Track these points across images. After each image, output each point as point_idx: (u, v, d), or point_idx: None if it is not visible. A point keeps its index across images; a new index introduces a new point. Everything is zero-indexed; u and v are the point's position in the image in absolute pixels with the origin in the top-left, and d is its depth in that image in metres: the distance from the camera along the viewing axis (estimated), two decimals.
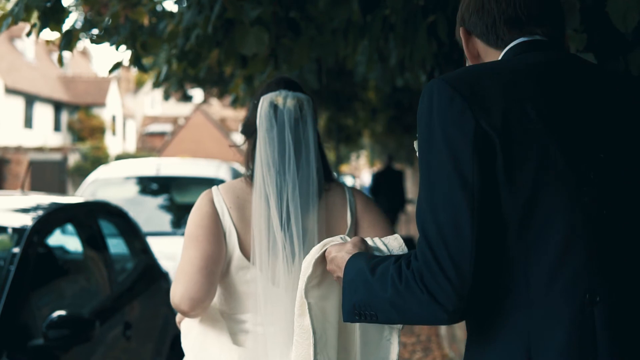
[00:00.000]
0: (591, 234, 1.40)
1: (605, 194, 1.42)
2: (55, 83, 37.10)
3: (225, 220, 2.17)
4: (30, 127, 33.72)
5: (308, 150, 2.19)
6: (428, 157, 1.44)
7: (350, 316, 1.55)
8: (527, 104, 1.42)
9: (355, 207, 2.24)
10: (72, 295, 4.12)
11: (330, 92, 13.30)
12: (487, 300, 1.42)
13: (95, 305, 4.01)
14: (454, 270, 1.36)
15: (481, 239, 1.37)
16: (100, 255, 4.31)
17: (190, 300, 2.10)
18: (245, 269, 2.16)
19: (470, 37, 1.67)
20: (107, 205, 4.94)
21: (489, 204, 1.38)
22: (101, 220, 4.65)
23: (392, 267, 1.46)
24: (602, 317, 1.38)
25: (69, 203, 4.20)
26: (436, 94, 1.44)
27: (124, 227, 5.04)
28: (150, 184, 8.22)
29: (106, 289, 4.23)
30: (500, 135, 1.39)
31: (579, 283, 1.38)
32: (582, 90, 1.49)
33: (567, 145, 1.41)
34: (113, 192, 8.23)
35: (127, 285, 4.60)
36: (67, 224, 4.28)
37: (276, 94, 2.23)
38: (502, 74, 1.47)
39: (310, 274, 1.75)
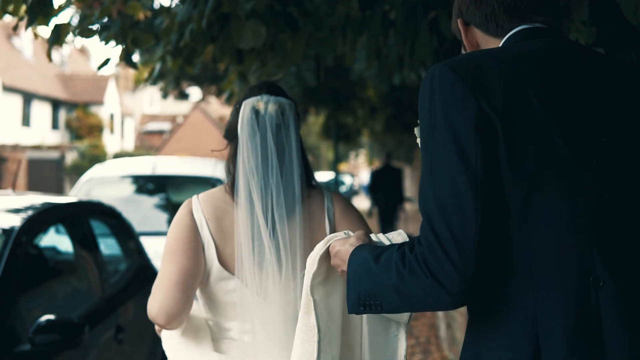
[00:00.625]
0: (593, 218, 1.40)
1: (607, 178, 1.43)
2: (53, 81, 36.95)
3: (204, 232, 2.17)
4: (28, 125, 33.57)
5: (291, 156, 2.19)
6: (430, 141, 1.44)
7: (355, 307, 1.54)
8: (528, 89, 1.43)
9: (334, 214, 2.23)
10: (62, 298, 4.01)
11: (328, 90, 13.21)
12: (491, 285, 1.42)
13: (86, 308, 3.90)
14: (457, 253, 1.36)
15: (484, 223, 1.37)
16: (92, 256, 4.20)
17: (166, 315, 2.11)
18: (226, 280, 2.16)
19: (468, 27, 1.67)
20: (99, 205, 4.83)
21: (491, 188, 1.39)
22: (93, 220, 4.54)
23: (396, 253, 1.47)
24: (606, 301, 1.38)
25: (59, 203, 4.08)
26: (438, 78, 1.45)
27: (117, 227, 4.93)
28: (146, 183, 8.10)
29: (98, 291, 4.12)
30: (502, 119, 1.39)
31: (583, 267, 1.39)
32: (583, 76, 1.50)
33: (569, 130, 1.42)
34: (108, 191, 8.12)
35: (120, 287, 4.48)
36: (58, 224, 4.16)
37: (257, 98, 2.22)
38: (504, 60, 1.48)
39: (315, 271, 1.74)
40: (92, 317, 3.81)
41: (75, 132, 36.84)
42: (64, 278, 4.22)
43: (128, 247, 4.97)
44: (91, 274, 4.16)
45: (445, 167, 1.40)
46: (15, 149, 25.93)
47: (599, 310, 1.38)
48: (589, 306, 1.38)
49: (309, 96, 13.21)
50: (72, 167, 28.23)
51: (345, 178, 32.45)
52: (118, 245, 4.98)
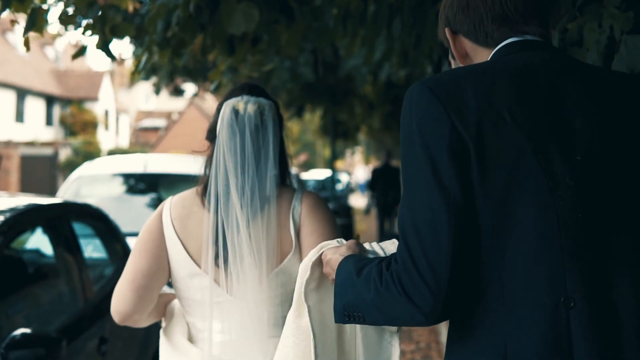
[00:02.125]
0: (566, 237, 1.40)
1: (582, 197, 1.42)
2: (48, 77, 36.67)
3: (169, 231, 2.20)
4: (21, 121, 33.30)
5: (267, 157, 2.21)
6: (407, 160, 1.46)
7: (340, 317, 1.57)
8: (503, 108, 1.42)
9: (300, 214, 2.22)
10: (40, 307, 3.73)
11: (324, 86, 13.00)
12: (465, 302, 1.44)
13: (67, 318, 3.62)
14: (430, 273, 1.38)
15: (458, 242, 1.39)
16: (74, 261, 3.91)
17: (118, 313, 2.21)
18: (198, 277, 2.18)
19: (456, 36, 1.65)
20: (84, 206, 4.55)
21: (465, 208, 1.40)
22: (77, 223, 4.26)
23: (375, 269, 1.49)
24: (577, 321, 1.38)
25: (39, 204, 3.79)
26: (415, 97, 1.46)
27: (103, 230, 4.64)
28: (137, 181, 7.84)
29: (80, 299, 3.84)
30: (474, 139, 1.40)
31: (554, 287, 1.39)
32: (564, 91, 1.48)
33: (542, 149, 1.41)
34: (98, 190, 7.86)
35: (105, 294, 4.19)
36: (37, 227, 3.88)
37: (238, 99, 2.24)
38: (483, 77, 1.47)
39: (308, 277, 1.76)
40: (73, 328, 3.54)
41: (69, 129, 36.57)
42: (43, 285, 3.94)
43: (115, 251, 4.69)
44: (73, 280, 3.89)
45: (421, 188, 1.42)
46: (8, 145, 25.60)
47: (569, 330, 1.38)
48: (559, 326, 1.38)
49: (305, 92, 13.00)
50: (65, 164, 27.88)
51: (341, 176, 32.13)
52: (104, 248, 4.70)
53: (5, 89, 31.57)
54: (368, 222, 22.17)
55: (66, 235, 3.92)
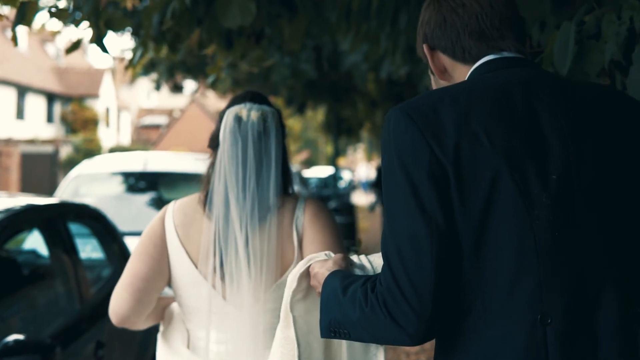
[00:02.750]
0: (543, 256, 1.42)
1: (558, 216, 1.43)
2: (48, 74, 36.57)
3: (172, 238, 2.19)
4: (22, 118, 33.20)
5: (269, 165, 2.19)
6: (389, 185, 1.48)
7: (326, 332, 1.61)
8: (480, 130, 1.44)
9: (302, 223, 2.21)
10: (35, 310, 3.62)
11: (326, 83, 12.90)
12: (449, 321, 1.47)
13: (62, 322, 3.51)
14: (415, 296, 1.41)
15: (440, 265, 1.41)
16: (70, 263, 3.80)
17: (115, 315, 2.22)
18: (200, 285, 2.17)
19: (434, 52, 1.66)
20: (81, 207, 4.43)
21: (447, 231, 1.42)
22: (74, 223, 4.15)
23: (360, 289, 1.51)
24: (553, 338, 1.41)
25: (34, 205, 3.68)
26: (393, 123, 1.48)
27: (101, 230, 4.53)
28: (137, 180, 7.72)
29: (76, 302, 3.73)
30: (452, 163, 1.41)
31: (532, 304, 1.41)
32: (541, 109, 1.49)
33: (518, 169, 1.42)
34: (97, 189, 7.76)
35: (102, 297, 4.09)
36: (32, 228, 3.77)
37: (241, 106, 2.24)
38: (459, 99, 1.48)
39: (295, 288, 1.79)
40: (69, 332, 3.43)
41: (70, 126, 36.47)
42: (38, 287, 3.83)
43: (112, 252, 4.58)
44: (69, 282, 3.78)
45: (403, 212, 1.44)
46: (8, 142, 25.49)
47: (546, 346, 1.41)
48: (537, 343, 1.41)
49: (307, 89, 12.90)
50: (66, 162, 27.77)
51: (343, 173, 31.99)
52: (102, 250, 4.59)
53: (6, 86, 31.47)
54: (371, 220, 22.06)
55: (62, 236, 3.81)
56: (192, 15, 3.01)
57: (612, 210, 1.48)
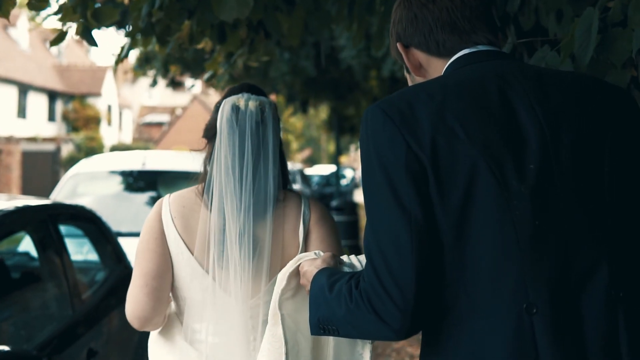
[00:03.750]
0: (524, 246, 1.42)
1: (537, 205, 1.43)
2: (50, 72, 36.43)
3: (170, 231, 2.15)
4: (23, 116, 33.05)
5: (267, 156, 2.17)
6: (367, 182, 1.50)
7: (316, 329, 1.62)
8: (455, 124, 1.44)
9: (309, 220, 2.21)
10: (23, 318, 3.45)
11: (328, 80, 12.76)
12: (434, 315, 1.47)
13: (52, 329, 3.34)
14: (397, 292, 1.42)
15: (422, 259, 1.42)
16: (61, 267, 3.63)
17: (137, 319, 2.15)
18: (200, 277, 2.13)
19: (409, 49, 1.68)
20: (74, 208, 4.27)
21: (427, 225, 1.43)
22: (65, 225, 3.98)
23: (345, 286, 1.53)
24: (541, 326, 1.41)
25: (21, 207, 3.51)
26: (370, 120, 1.49)
27: (95, 232, 4.36)
28: (136, 179, 7.58)
29: (67, 308, 3.56)
30: (429, 156, 1.42)
31: (517, 295, 1.42)
32: (516, 100, 1.49)
33: (495, 160, 1.43)
34: (95, 188, 7.62)
35: (95, 302, 3.93)
36: (20, 231, 3.60)
37: (238, 96, 2.21)
38: (434, 95, 1.49)
39: (284, 287, 1.81)
40: (58, 341, 3.27)
41: (72, 124, 36.32)
42: (27, 293, 3.66)
43: (107, 255, 4.41)
44: (59, 288, 3.61)
45: (382, 209, 1.45)
46: (9, 141, 25.34)
47: (534, 336, 1.41)
48: (524, 333, 1.41)
49: (308, 87, 12.76)
50: (67, 160, 27.63)
51: (345, 171, 31.80)
52: (96, 253, 4.42)
53: (7, 84, 31.33)
54: None
55: (53, 239, 3.64)
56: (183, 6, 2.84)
57: (591, 196, 1.48)
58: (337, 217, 12.78)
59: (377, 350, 6.99)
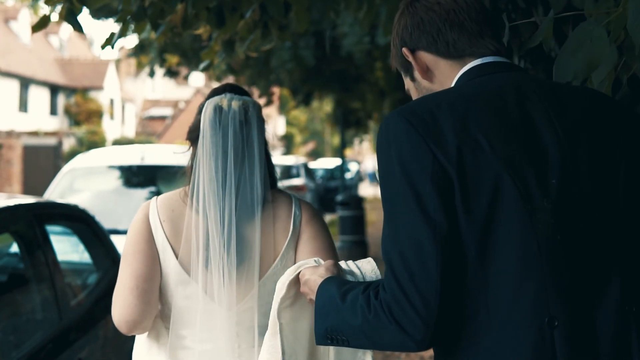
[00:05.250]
0: (547, 259, 1.43)
1: (559, 219, 1.44)
2: (52, 65, 36.20)
3: (158, 234, 2.12)
4: (25, 110, 32.84)
5: (252, 156, 2.14)
6: (389, 192, 1.48)
7: (322, 340, 1.60)
8: (479, 136, 1.44)
9: (300, 220, 2.19)
10: (3, 328, 3.18)
11: (334, 72, 12.53)
12: (452, 327, 1.46)
13: (36, 341, 3.08)
14: (421, 303, 1.41)
15: (445, 271, 1.42)
16: (47, 271, 3.35)
17: (126, 323, 2.09)
18: (185, 284, 2.11)
19: (416, 53, 1.67)
20: (64, 207, 4.00)
21: (451, 236, 1.43)
22: (53, 225, 3.72)
23: (362, 297, 1.51)
24: (561, 340, 1.41)
25: (3, 207, 3.23)
26: (392, 129, 1.47)
27: (87, 233, 4.09)
28: (134, 174, 7.34)
29: (53, 315, 3.30)
30: (456, 168, 1.42)
31: (538, 308, 1.42)
32: (534, 114, 1.50)
33: (518, 173, 1.44)
34: (92, 183, 7.39)
35: (85, 308, 3.66)
36: (2, 232, 3.33)
37: (221, 97, 2.18)
38: (455, 105, 1.49)
39: (283, 295, 1.79)
40: (42, 352, 3.01)
41: (74, 118, 36.09)
42: (7, 301, 3.38)
43: (99, 257, 4.14)
44: (44, 293, 3.34)
45: (405, 219, 1.44)
46: (10, 135, 25.12)
47: (554, 349, 1.41)
48: (545, 346, 1.41)
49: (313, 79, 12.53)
50: (69, 154, 27.40)
51: (351, 165, 31.55)
52: (88, 254, 4.16)
53: (9, 78, 31.11)
54: (379, 213, 21.69)
55: (38, 241, 3.37)
56: None
57: (607, 211, 1.49)
58: (343, 211, 12.53)
59: (386, 352, 6.74)
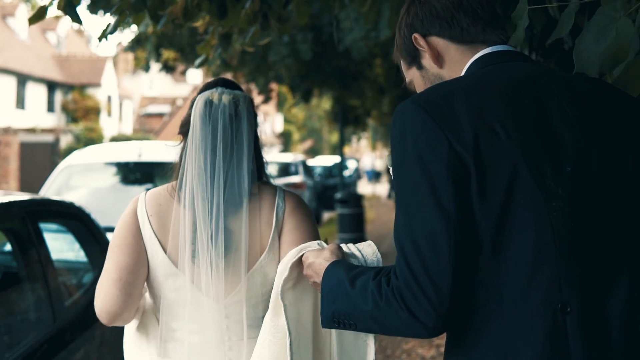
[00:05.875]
0: (560, 247, 1.44)
1: (573, 207, 1.45)
2: (49, 62, 36.01)
3: (146, 228, 2.12)
4: (22, 107, 32.65)
5: (240, 149, 2.15)
6: (403, 180, 1.48)
7: (329, 323, 1.61)
8: (496, 124, 1.45)
9: (283, 211, 2.18)
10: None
11: (333, 69, 12.40)
12: (464, 313, 1.48)
13: (28, 342, 2.96)
14: (433, 291, 1.42)
15: (458, 259, 1.43)
16: (40, 270, 3.24)
17: (106, 313, 2.10)
18: (174, 276, 2.12)
19: (428, 38, 1.68)
20: (58, 204, 3.88)
21: (464, 225, 1.43)
22: (48, 223, 3.60)
23: (372, 283, 1.52)
24: (573, 326, 1.43)
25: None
26: (409, 117, 1.47)
27: (83, 231, 3.98)
28: (131, 171, 7.21)
29: (46, 316, 3.18)
30: (472, 156, 1.42)
31: (551, 295, 1.43)
32: (549, 103, 1.51)
33: (534, 162, 1.44)
34: (89, 180, 7.27)
35: (81, 308, 3.55)
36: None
37: (212, 91, 2.20)
38: (471, 93, 1.49)
39: (286, 277, 1.79)
40: (35, 355, 2.89)
41: (71, 115, 35.91)
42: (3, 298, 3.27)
43: (96, 256, 4.02)
44: (37, 294, 3.22)
45: (419, 207, 1.45)
46: (7, 131, 24.96)
47: (566, 335, 1.42)
48: (557, 332, 1.42)
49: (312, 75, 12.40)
50: (66, 151, 27.24)
51: (349, 163, 31.37)
52: (84, 253, 4.04)
53: (6, 74, 30.93)
54: (378, 211, 21.59)
55: (32, 239, 3.25)
56: None
57: (618, 200, 1.49)
58: (342, 209, 12.42)
59: (387, 352, 6.63)
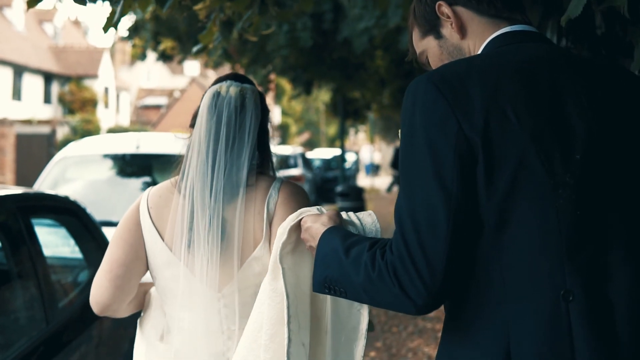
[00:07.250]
0: (566, 234, 1.43)
1: (580, 195, 1.44)
2: (46, 53, 35.77)
3: (145, 221, 2.16)
4: (19, 99, 32.44)
5: (242, 142, 2.16)
6: (409, 156, 1.48)
7: (320, 288, 1.62)
8: (508, 107, 1.44)
9: (276, 202, 2.17)
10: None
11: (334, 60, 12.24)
12: (464, 295, 1.48)
13: (19, 346, 2.77)
14: (426, 269, 1.41)
15: (457, 240, 1.42)
16: (32, 269, 3.04)
17: (96, 304, 2.15)
18: (173, 264, 2.13)
19: (454, 7, 1.65)
20: (52, 199, 3.69)
21: (467, 206, 1.42)
22: (41, 219, 3.41)
23: (366, 254, 1.51)
24: (577, 314, 1.42)
25: None
26: (421, 94, 1.47)
27: (78, 227, 3.78)
28: (129, 163, 7.02)
29: (38, 318, 2.99)
30: (482, 139, 1.42)
31: (554, 281, 1.42)
32: (564, 88, 1.49)
33: (544, 148, 1.43)
34: (85, 172, 7.07)
35: (76, 308, 3.36)
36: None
37: (221, 84, 2.23)
38: (488, 75, 1.49)
39: (285, 240, 1.80)
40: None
41: (68, 107, 35.68)
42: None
43: (92, 253, 3.82)
44: (29, 294, 3.03)
45: (422, 184, 1.44)
46: (3, 123, 24.72)
47: (569, 323, 1.41)
48: (560, 319, 1.41)
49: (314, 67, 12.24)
50: (63, 143, 27.03)
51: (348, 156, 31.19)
52: (79, 250, 3.84)
53: (2, 65, 30.73)
54: (378, 203, 21.46)
55: (22, 235, 3.05)
56: None
57: (630, 190, 1.48)
58: (343, 202, 12.27)
59: (392, 351, 6.46)
